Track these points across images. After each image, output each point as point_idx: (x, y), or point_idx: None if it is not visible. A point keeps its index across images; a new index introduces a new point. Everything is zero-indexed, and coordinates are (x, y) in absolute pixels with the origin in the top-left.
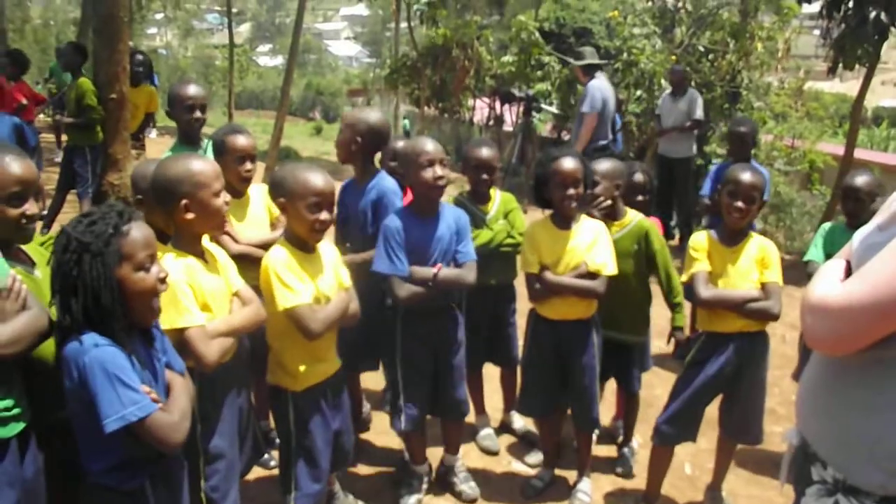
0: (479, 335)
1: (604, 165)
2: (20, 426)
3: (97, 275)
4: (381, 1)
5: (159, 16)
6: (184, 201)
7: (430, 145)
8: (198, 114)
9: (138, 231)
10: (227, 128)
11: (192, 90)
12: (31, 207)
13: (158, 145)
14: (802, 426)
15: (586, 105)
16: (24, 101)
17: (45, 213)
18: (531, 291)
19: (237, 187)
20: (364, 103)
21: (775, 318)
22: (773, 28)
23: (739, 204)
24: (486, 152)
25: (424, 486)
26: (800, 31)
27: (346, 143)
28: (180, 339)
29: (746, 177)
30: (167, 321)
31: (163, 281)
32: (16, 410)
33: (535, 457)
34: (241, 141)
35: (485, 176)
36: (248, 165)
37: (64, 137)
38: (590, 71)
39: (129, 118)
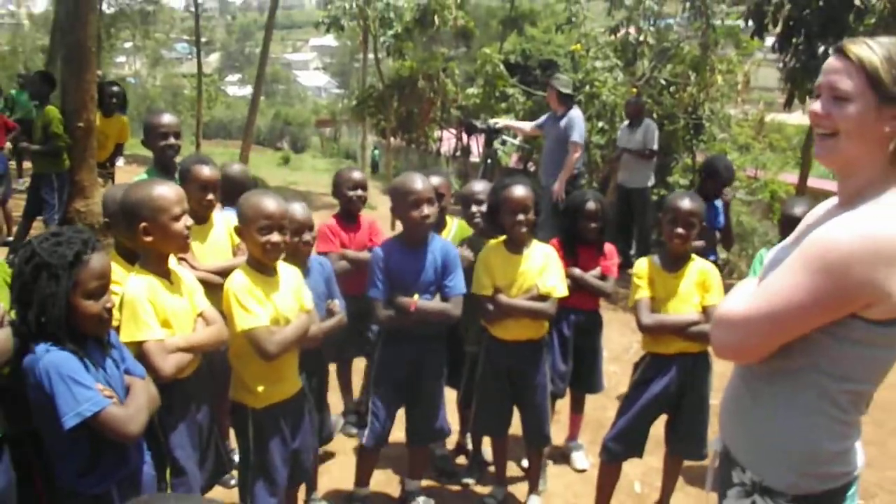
0: None
1: (479, 186)
2: None
3: (50, 293)
4: (350, 32)
5: (128, 44)
6: (143, 224)
7: (419, 184)
8: (171, 140)
9: (97, 262)
10: (193, 157)
11: (167, 119)
12: None
13: (127, 174)
14: (724, 434)
15: (576, 135)
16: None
17: (10, 239)
18: (485, 313)
19: (199, 214)
20: (332, 134)
21: None
22: (732, 61)
23: (679, 230)
24: (434, 180)
25: None
26: (760, 63)
27: None
28: (139, 352)
29: (685, 204)
30: (127, 334)
31: (109, 311)
32: None
33: (470, 479)
34: (205, 172)
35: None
36: (210, 196)
37: (26, 165)
38: (567, 101)
39: (96, 146)
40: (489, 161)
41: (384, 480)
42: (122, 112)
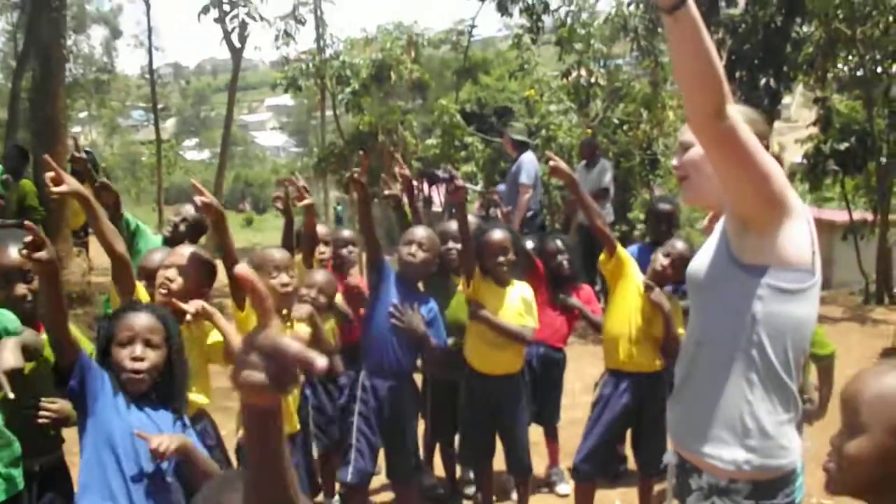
0: None
1: (455, 225)
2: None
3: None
4: (307, 91)
5: (83, 114)
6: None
7: (420, 233)
8: (182, 228)
9: (128, 318)
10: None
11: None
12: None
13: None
14: (674, 440)
15: (524, 176)
16: None
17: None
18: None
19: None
20: (294, 192)
21: None
22: (683, 97)
23: (664, 262)
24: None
25: None
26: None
27: None
28: None
29: (677, 245)
30: None
31: (135, 360)
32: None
33: None
34: (343, 233)
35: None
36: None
37: None
38: (521, 147)
39: (70, 216)
40: (453, 210)
41: None
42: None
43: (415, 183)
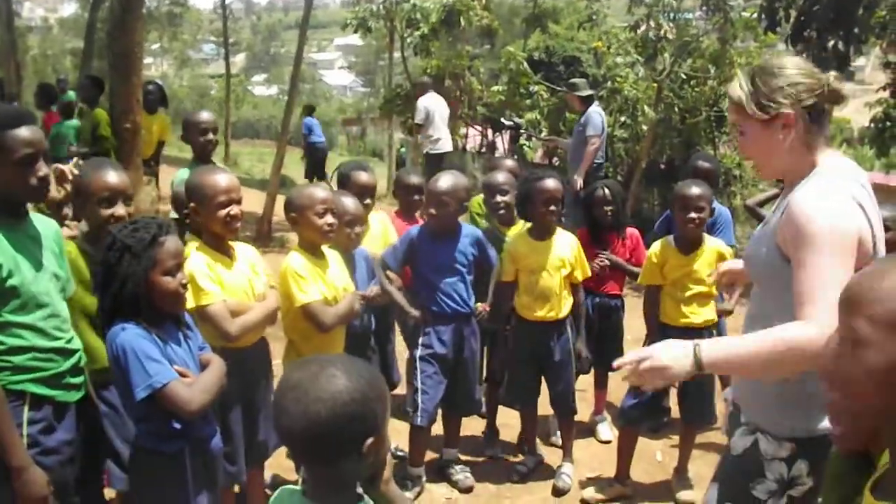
0: None
1: (503, 177)
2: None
3: (132, 271)
4: (376, 33)
5: (155, 46)
6: (192, 205)
7: (444, 183)
8: (210, 136)
9: (171, 243)
10: (353, 164)
11: (205, 116)
12: (41, 168)
13: (165, 173)
14: (732, 387)
15: (590, 129)
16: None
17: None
18: (499, 294)
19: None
20: (359, 132)
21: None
22: (751, 54)
23: (692, 215)
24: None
25: (418, 490)
26: (780, 56)
27: None
28: (202, 317)
29: (693, 190)
30: (189, 302)
31: (184, 286)
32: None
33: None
34: (362, 177)
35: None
36: (367, 200)
37: None
38: (587, 101)
39: (143, 146)
40: (515, 157)
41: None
42: (165, 107)
43: (479, 129)
